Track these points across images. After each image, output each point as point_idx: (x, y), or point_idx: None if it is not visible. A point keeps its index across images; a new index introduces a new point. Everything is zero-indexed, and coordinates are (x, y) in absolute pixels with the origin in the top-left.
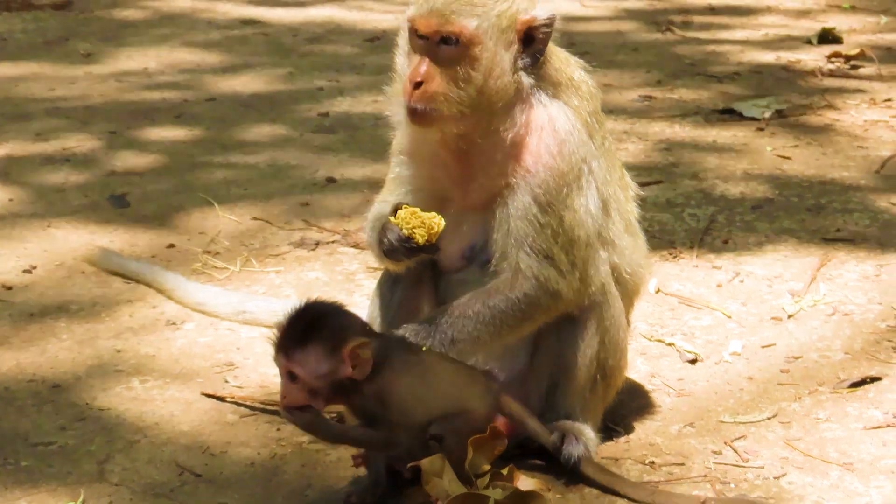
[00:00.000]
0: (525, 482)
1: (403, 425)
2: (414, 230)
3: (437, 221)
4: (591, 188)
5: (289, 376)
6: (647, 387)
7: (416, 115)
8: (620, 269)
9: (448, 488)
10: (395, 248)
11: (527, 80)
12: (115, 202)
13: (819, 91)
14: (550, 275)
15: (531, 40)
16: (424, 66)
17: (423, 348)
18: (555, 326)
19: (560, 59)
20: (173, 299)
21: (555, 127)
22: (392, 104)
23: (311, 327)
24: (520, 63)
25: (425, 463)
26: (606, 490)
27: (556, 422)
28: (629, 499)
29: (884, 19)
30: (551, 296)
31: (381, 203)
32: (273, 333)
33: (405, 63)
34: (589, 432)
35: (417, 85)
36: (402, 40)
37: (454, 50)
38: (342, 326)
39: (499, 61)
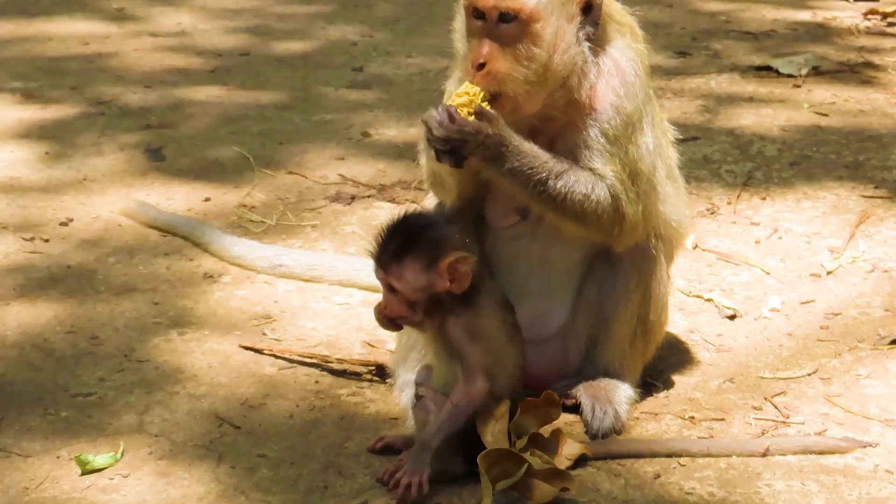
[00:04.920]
0: (571, 446)
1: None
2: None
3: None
4: (649, 129)
5: (388, 288)
6: (686, 342)
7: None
8: (665, 217)
9: (496, 438)
10: (442, 136)
11: (588, 48)
12: (151, 156)
13: (856, 48)
14: (623, 196)
15: (589, 7)
16: (486, 47)
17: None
18: (597, 279)
19: (616, 9)
20: (210, 252)
21: (622, 72)
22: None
23: (409, 240)
24: (581, 34)
25: (496, 405)
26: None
27: (586, 382)
28: (679, 455)
29: None
30: (616, 215)
31: None
32: (370, 245)
33: (464, 46)
34: (621, 394)
35: (480, 66)
36: (459, 23)
37: (514, 28)
38: (440, 239)
39: (562, 35)
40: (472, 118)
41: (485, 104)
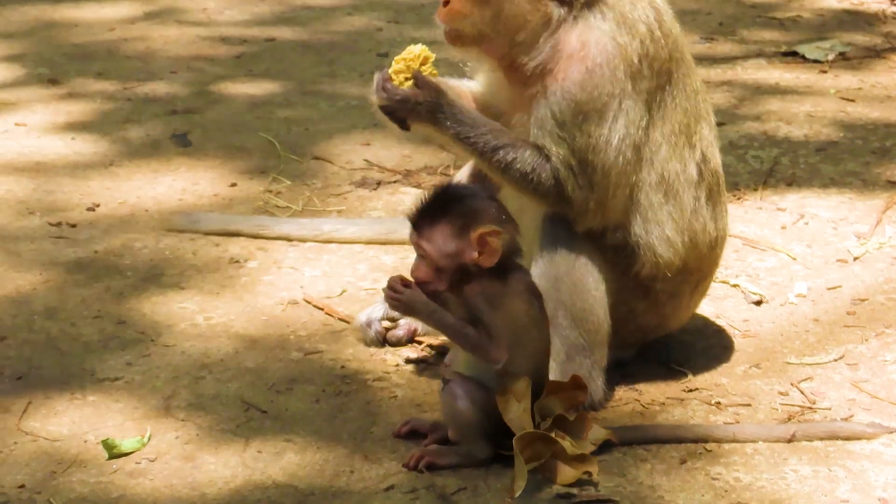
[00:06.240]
0: (597, 431)
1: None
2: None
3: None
4: (618, 124)
5: (419, 251)
6: (713, 327)
7: (447, 35)
8: (636, 230)
9: (520, 417)
10: (377, 103)
11: (558, 10)
12: (178, 141)
13: (883, 34)
14: (569, 182)
15: None
16: None
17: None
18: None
19: None
20: (294, 239)
21: (587, 58)
22: None
23: (446, 207)
24: None
25: (514, 381)
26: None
27: None
28: (706, 440)
29: None
30: (561, 198)
31: None
32: (410, 210)
33: None
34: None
35: (446, 3)
36: None
37: None
38: (476, 210)
39: None
40: (408, 83)
41: (424, 68)
